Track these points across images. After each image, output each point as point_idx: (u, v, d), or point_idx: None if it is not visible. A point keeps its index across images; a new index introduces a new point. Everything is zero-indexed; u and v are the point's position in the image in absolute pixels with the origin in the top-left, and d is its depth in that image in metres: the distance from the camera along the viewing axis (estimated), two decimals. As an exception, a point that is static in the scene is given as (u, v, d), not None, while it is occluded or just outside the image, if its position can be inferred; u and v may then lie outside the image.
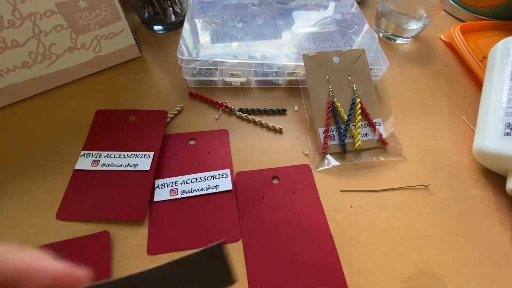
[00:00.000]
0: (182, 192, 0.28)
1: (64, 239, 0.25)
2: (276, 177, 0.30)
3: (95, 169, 0.29)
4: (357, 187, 0.30)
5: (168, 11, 0.43)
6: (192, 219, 0.27)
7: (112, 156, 0.30)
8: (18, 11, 0.29)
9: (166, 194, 0.28)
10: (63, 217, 0.26)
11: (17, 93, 0.34)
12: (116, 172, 0.29)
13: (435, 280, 0.25)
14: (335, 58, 0.34)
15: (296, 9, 0.44)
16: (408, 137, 0.34)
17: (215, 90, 0.37)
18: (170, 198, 0.28)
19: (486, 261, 0.26)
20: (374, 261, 0.25)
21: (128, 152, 0.30)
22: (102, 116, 0.34)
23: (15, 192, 0.28)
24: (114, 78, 0.38)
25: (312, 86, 0.33)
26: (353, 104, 0.33)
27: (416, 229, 0.27)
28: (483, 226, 0.28)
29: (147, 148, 0.30)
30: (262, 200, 0.28)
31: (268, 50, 0.37)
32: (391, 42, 0.45)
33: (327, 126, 0.32)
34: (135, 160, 0.29)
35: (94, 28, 0.34)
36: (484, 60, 0.40)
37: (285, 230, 0.26)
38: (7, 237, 0.25)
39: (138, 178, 0.29)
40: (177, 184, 0.29)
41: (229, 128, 0.34)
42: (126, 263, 0.24)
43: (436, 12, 0.40)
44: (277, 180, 0.30)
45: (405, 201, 0.29)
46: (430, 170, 0.31)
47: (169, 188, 0.28)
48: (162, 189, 0.28)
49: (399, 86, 0.39)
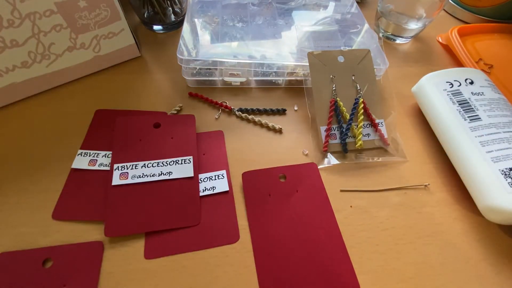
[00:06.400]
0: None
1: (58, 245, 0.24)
2: (283, 176, 0.30)
3: (92, 168, 0.29)
4: (357, 187, 0.30)
5: (168, 10, 0.43)
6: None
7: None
8: (18, 11, 0.29)
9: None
10: (59, 217, 0.26)
11: (17, 92, 0.34)
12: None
13: (435, 280, 0.24)
14: (340, 58, 0.34)
15: (296, 9, 0.43)
16: (408, 137, 0.34)
17: (214, 90, 0.37)
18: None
19: (486, 261, 0.26)
20: (374, 261, 0.25)
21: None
22: (102, 115, 0.34)
23: (13, 191, 0.28)
24: (113, 78, 0.38)
25: (315, 84, 0.33)
26: (356, 103, 0.32)
27: (416, 229, 0.27)
28: (483, 225, 0.28)
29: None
30: (269, 198, 0.28)
31: (268, 50, 0.37)
32: (391, 42, 0.45)
33: (329, 125, 0.32)
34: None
35: (94, 27, 0.34)
36: (480, 62, 0.40)
37: (294, 228, 0.26)
38: (3, 237, 0.25)
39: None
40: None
41: (228, 128, 0.34)
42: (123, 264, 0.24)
43: (436, 12, 0.40)
44: (283, 179, 0.29)
45: (405, 201, 0.29)
46: (430, 170, 0.31)
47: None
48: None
49: (399, 86, 0.39)
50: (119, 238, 0.25)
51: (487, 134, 0.28)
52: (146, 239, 0.25)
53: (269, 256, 0.25)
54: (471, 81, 0.32)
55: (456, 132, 0.29)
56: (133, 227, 0.25)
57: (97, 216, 0.26)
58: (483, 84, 0.32)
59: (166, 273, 0.24)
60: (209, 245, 0.25)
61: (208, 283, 0.23)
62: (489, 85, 0.32)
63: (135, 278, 0.23)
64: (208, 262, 0.24)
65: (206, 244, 0.25)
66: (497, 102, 0.31)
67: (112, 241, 0.25)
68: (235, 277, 0.24)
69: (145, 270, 0.24)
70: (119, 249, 0.25)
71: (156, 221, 0.26)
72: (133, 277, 0.23)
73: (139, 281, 0.23)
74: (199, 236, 0.26)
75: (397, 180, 0.30)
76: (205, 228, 0.26)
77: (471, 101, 0.31)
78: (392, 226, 0.27)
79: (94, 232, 0.26)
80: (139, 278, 0.23)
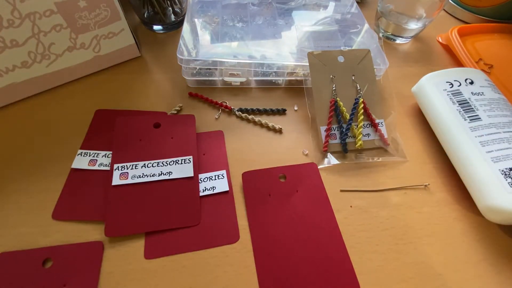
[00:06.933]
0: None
1: (58, 244, 0.24)
2: (283, 176, 0.30)
3: (92, 168, 0.29)
4: (357, 187, 0.30)
5: (168, 10, 0.43)
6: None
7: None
8: (18, 11, 0.29)
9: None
10: (59, 217, 0.26)
11: (17, 92, 0.34)
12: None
13: (435, 280, 0.24)
14: (340, 58, 0.34)
15: (296, 9, 0.43)
16: (408, 137, 0.34)
17: (214, 90, 0.37)
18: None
19: (486, 261, 0.26)
20: (374, 261, 0.25)
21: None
22: (102, 115, 0.33)
23: (13, 191, 0.28)
24: (113, 78, 0.38)
25: (315, 84, 0.33)
26: (356, 103, 0.32)
27: (416, 229, 0.27)
28: (483, 225, 0.28)
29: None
30: (269, 198, 0.28)
31: (268, 50, 0.37)
32: (391, 42, 0.45)
33: (329, 125, 0.32)
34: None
35: (94, 27, 0.34)
36: (480, 62, 0.40)
37: (294, 228, 0.26)
38: (3, 237, 0.25)
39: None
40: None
41: (228, 128, 0.34)
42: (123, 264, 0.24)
43: (436, 12, 0.40)
44: (283, 179, 0.29)
45: (405, 201, 0.29)
46: (430, 170, 0.31)
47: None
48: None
49: (399, 86, 0.39)
50: (119, 238, 0.25)
51: (487, 134, 0.28)
52: (146, 239, 0.25)
53: (269, 256, 0.25)
54: (471, 81, 0.32)
55: (456, 132, 0.29)
56: (133, 227, 0.25)
57: (97, 216, 0.26)
58: (483, 84, 0.32)
59: (166, 273, 0.24)
60: (209, 245, 0.25)
61: (208, 283, 0.23)
62: (489, 85, 0.32)
63: (135, 278, 0.23)
64: (208, 262, 0.24)
65: (206, 244, 0.25)
66: (497, 102, 0.31)
67: (112, 241, 0.25)
68: (235, 277, 0.24)
69: (145, 270, 0.24)
70: (119, 249, 0.25)
71: (156, 221, 0.26)
72: (133, 277, 0.23)
73: (139, 281, 0.23)
74: (199, 236, 0.26)
75: (397, 180, 0.30)
76: (205, 228, 0.26)
77: (471, 101, 0.31)
78: (392, 226, 0.27)
79: (94, 232, 0.26)
80: (139, 278, 0.23)
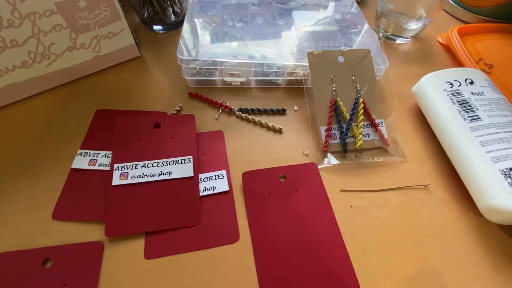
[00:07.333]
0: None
1: (58, 245, 0.24)
2: (283, 176, 0.30)
3: (92, 168, 0.29)
4: (357, 187, 0.30)
5: (168, 10, 0.43)
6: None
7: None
8: (18, 11, 0.29)
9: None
10: (59, 217, 0.26)
11: (17, 92, 0.34)
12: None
13: (435, 280, 0.24)
14: (340, 58, 0.34)
15: (296, 9, 0.43)
16: (408, 137, 0.34)
17: (214, 90, 0.37)
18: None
19: (486, 261, 0.26)
20: (374, 261, 0.25)
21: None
22: (102, 115, 0.33)
23: (13, 191, 0.28)
24: (113, 77, 0.38)
25: (315, 84, 0.33)
26: (356, 103, 0.32)
27: (416, 229, 0.27)
28: (483, 225, 0.28)
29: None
30: (269, 198, 0.28)
31: (268, 50, 0.37)
32: (391, 42, 0.45)
33: (329, 125, 0.32)
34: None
35: (94, 27, 0.34)
36: (480, 62, 0.40)
37: (294, 228, 0.26)
38: (3, 237, 0.25)
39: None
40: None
41: (228, 128, 0.34)
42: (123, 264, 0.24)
43: (436, 12, 0.40)
44: (283, 179, 0.29)
45: (405, 201, 0.29)
46: (430, 170, 0.31)
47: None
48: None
49: (399, 86, 0.39)
50: (119, 238, 0.25)
51: (487, 134, 0.28)
52: (146, 239, 0.25)
53: (269, 256, 0.25)
54: (471, 81, 0.32)
55: (456, 132, 0.29)
56: (133, 227, 0.25)
57: (97, 216, 0.26)
58: (483, 84, 0.32)
59: (166, 273, 0.24)
60: (209, 245, 0.25)
61: (208, 283, 0.23)
62: (489, 85, 0.32)
63: (135, 278, 0.23)
64: (208, 262, 0.24)
65: (206, 244, 0.25)
66: (497, 102, 0.31)
67: (112, 241, 0.25)
68: (235, 277, 0.24)
69: (145, 270, 0.24)
70: (119, 249, 0.25)
71: (156, 221, 0.26)
72: (133, 277, 0.23)
73: (139, 281, 0.23)
74: (199, 236, 0.26)
75: (397, 180, 0.30)
76: (205, 228, 0.26)
77: (471, 101, 0.31)
78: (392, 226, 0.27)
79: (94, 232, 0.26)
80: (139, 278, 0.23)
